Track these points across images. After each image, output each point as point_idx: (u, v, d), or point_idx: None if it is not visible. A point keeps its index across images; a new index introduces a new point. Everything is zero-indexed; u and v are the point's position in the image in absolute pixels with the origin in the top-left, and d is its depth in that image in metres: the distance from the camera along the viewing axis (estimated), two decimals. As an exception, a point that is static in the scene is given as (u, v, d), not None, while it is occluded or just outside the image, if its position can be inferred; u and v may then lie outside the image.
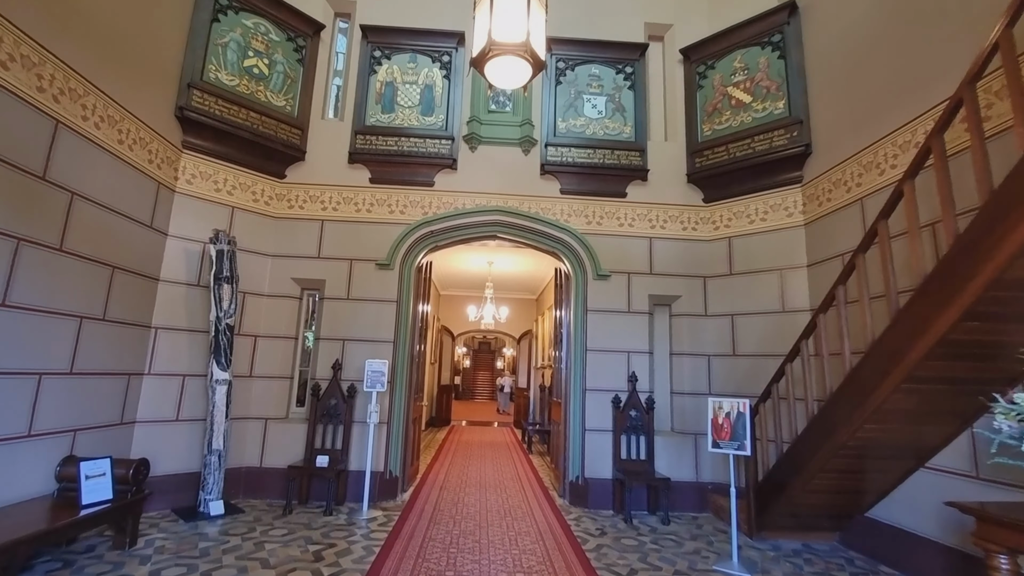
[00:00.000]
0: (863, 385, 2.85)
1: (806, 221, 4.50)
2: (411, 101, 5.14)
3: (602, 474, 4.68)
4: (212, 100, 4.38)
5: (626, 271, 5.02)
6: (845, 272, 3.10)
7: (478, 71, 2.56)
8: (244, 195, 4.70)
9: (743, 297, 4.81)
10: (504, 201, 5.08)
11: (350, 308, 4.82)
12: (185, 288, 4.27)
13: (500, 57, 2.50)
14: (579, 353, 4.91)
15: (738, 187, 4.94)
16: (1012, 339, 2.36)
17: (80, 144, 3.30)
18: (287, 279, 4.84)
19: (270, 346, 4.72)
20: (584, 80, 5.29)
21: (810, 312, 4.37)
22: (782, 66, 4.70)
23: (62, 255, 3.18)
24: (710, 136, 5.09)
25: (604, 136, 5.17)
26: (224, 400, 4.08)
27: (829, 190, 4.20)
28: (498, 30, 2.54)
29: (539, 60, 2.46)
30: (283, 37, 4.94)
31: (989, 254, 2.12)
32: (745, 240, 4.87)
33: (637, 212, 5.14)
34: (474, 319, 10.12)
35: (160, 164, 4.08)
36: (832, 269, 4.12)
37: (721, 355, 4.86)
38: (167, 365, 4.12)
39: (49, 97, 3.06)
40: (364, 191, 5.02)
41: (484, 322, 9.63)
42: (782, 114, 4.64)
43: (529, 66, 2.47)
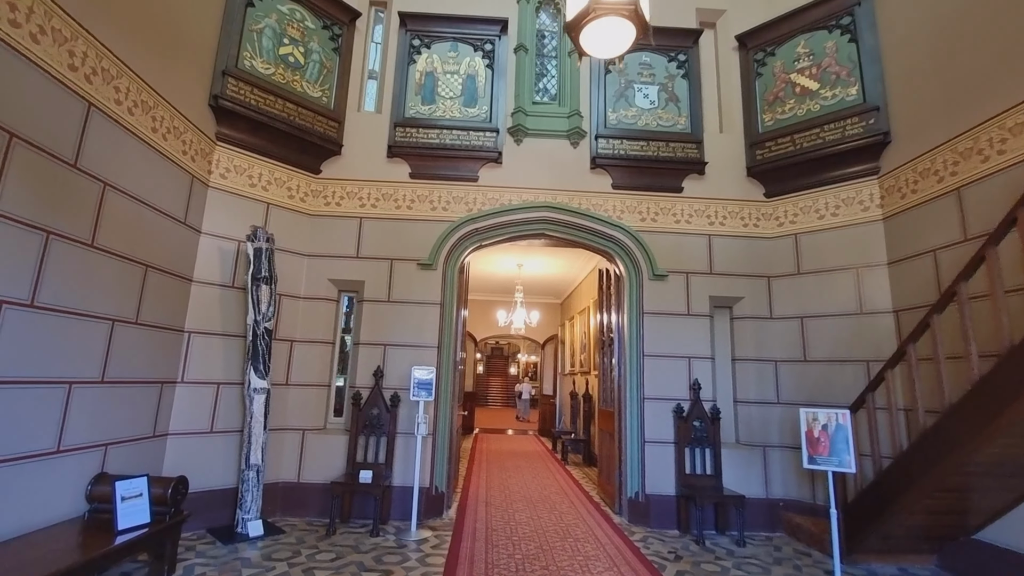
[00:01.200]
0: (998, 394, 2.51)
1: (885, 215, 4.17)
2: (453, 92, 4.86)
3: (664, 490, 4.33)
4: (247, 89, 4.11)
5: (684, 271, 4.70)
6: (971, 264, 2.75)
7: (572, 39, 2.26)
8: (279, 191, 4.41)
9: (813, 298, 4.46)
10: (552, 197, 4.77)
11: (391, 311, 4.51)
12: (219, 290, 3.97)
13: (600, 20, 2.20)
14: (635, 359, 4.57)
15: (804, 180, 4.62)
16: None
17: (113, 130, 3.01)
18: (324, 280, 4.54)
19: (307, 352, 4.41)
20: (634, 69, 4.99)
21: (893, 313, 4.03)
22: (853, 50, 4.39)
23: (93, 251, 2.89)
24: (772, 126, 4.78)
25: (657, 127, 4.86)
26: (262, 410, 3.76)
27: (915, 181, 3.87)
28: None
29: (644, 21, 2.15)
30: (319, 25, 4.66)
31: None
32: (814, 237, 4.54)
33: (694, 208, 4.82)
34: (504, 324, 9.76)
35: (194, 156, 3.80)
36: (921, 266, 3.78)
37: (790, 361, 4.51)
38: (201, 372, 3.81)
39: (81, 77, 2.77)
40: (404, 187, 4.72)
41: (514, 327, 9.30)
42: (855, 101, 4.32)
43: (633, 28, 2.16)
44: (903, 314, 3.95)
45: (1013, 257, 2.78)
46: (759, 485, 4.40)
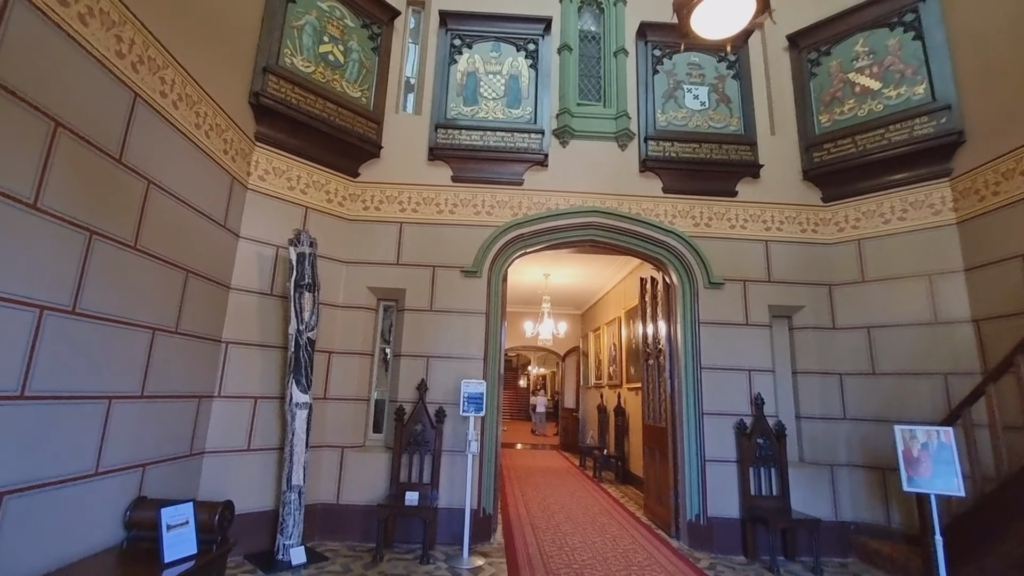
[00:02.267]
0: None
1: (960, 219, 3.94)
2: (495, 92, 4.67)
3: (727, 512, 4.05)
4: (288, 87, 3.91)
5: (740, 279, 4.46)
6: (1102, 269, 2.51)
7: (681, 18, 2.05)
8: (318, 194, 4.20)
9: (880, 307, 4.22)
10: (600, 201, 4.56)
11: (434, 321, 4.26)
12: (258, 297, 3.74)
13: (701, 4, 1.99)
14: (691, 372, 4.32)
15: (867, 183, 4.40)
16: None
17: (158, 124, 2.80)
18: (363, 288, 4.31)
19: (346, 364, 4.16)
20: (683, 69, 4.81)
21: (973, 323, 3.78)
22: (919, 47, 4.20)
23: (136, 254, 2.66)
24: (830, 128, 4.57)
25: (709, 129, 4.66)
26: (304, 427, 3.50)
27: (996, 182, 3.64)
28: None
29: None
30: (358, 23, 4.49)
31: None
32: (879, 242, 4.31)
33: (750, 212, 4.60)
34: (531, 335, 9.47)
35: (234, 156, 3.59)
36: (1006, 272, 3.55)
37: (856, 374, 4.25)
38: (239, 386, 3.56)
39: (128, 65, 2.57)
40: (446, 190, 4.51)
41: (541, 338, 9.04)
42: (922, 99, 4.12)
43: (753, 3, 1.95)
44: (984, 323, 3.70)
45: None
46: (827, 506, 4.12)
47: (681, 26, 2.13)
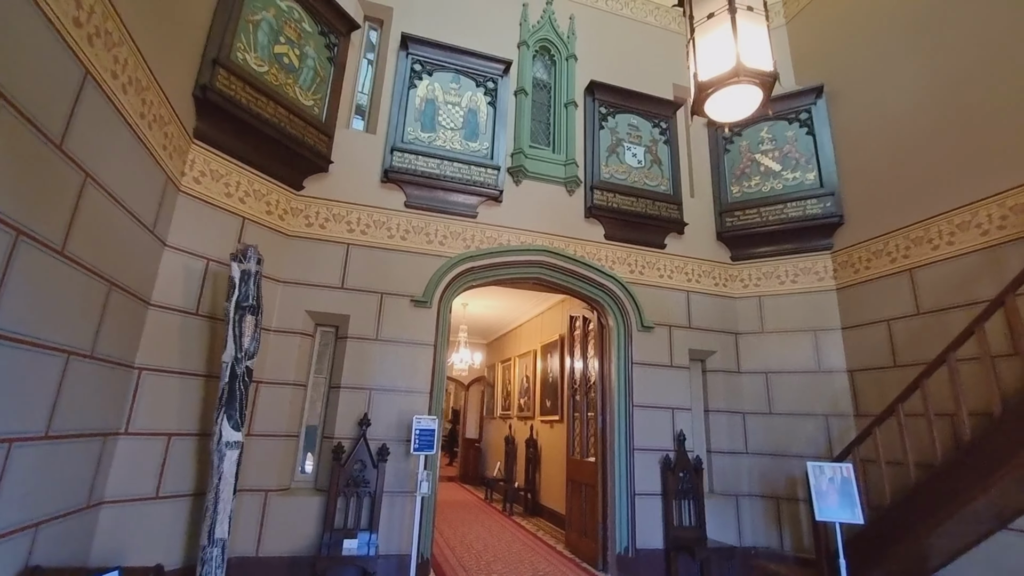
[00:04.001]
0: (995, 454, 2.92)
1: (839, 286, 4.78)
2: (454, 123, 4.67)
3: (653, 544, 4.32)
4: (239, 84, 3.53)
5: (667, 324, 4.90)
6: (962, 336, 3.22)
7: (698, 99, 2.29)
8: (257, 205, 3.79)
9: (776, 355, 4.91)
10: (549, 241, 4.73)
11: (380, 351, 4.02)
12: (181, 317, 3.22)
13: (718, 92, 2.26)
14: (624, 409, 4.59)
15: (766, 248, 5.15)
16: None
17: (104, 109, 2.36)
18: (300, 311, 3.93)
19: (276, 395, 3.72)
20: (624, 129, 5.26)
21: (847, 373, 4.57)
22: (811, 142, 5.10)
23: (62, 261, 2.18)
24: (740, 198, 5.30)
25: (644, 186, 5.13)
26: (234, 470, 3.04)
27: (868, 260, 4.51)
28: (705, 69, 2.32)
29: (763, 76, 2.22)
30: (316, 29, 4.23)
31: None
32: (776, 300, 5.04)
33: (675, 264, 5.10)
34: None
35: (172, 153, 3.12)
36: (873, 333, 4.37)
37: (756, 413, 4.86)
38: (152, 420, 3.00)
39: (84, 36, 2.15)
40: (398, 215, 4.35)
41: (456, 368, 8.87)
42: (813, 185, 4.98)
43: (761, 96, 2.25)
44: (856, 374, 4.50)
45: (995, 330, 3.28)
46: (733, 533, 4.59)
47: (695, 106, 2.37)
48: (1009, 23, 3.61)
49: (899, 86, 4.39)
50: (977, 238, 3.70)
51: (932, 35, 4.15)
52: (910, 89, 4.29)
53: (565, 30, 5.37)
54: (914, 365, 3.95)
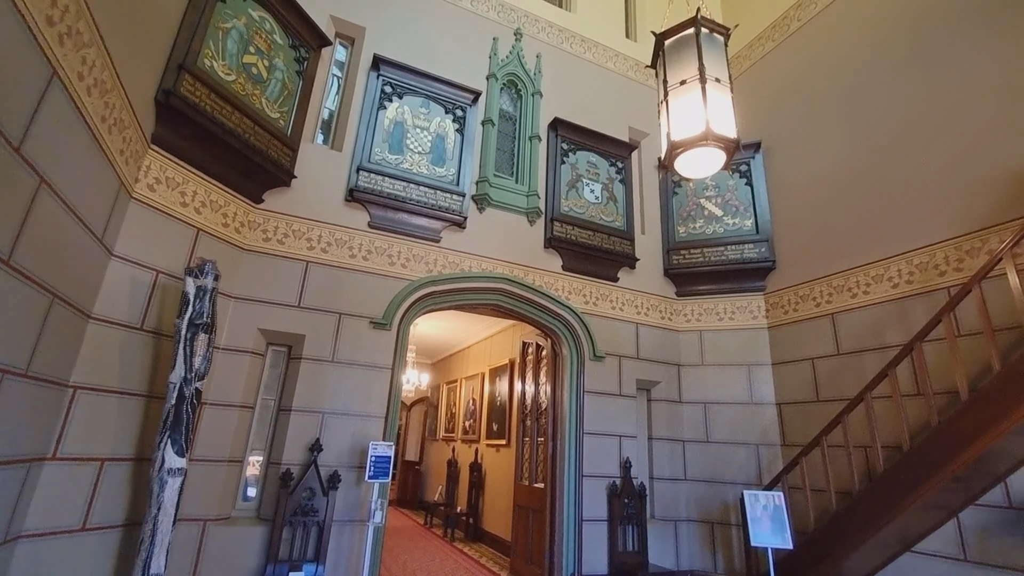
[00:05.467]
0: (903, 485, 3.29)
1: (770, 325, 5.21)
2: (422, 147, 4.71)
3: (598, 569, 4.42)
4: (204, 91, 3.39)
5: (617, 354, 5.11)
6: (877, 378, 3.62)
7: (670, 155, 2.49)
8: (213, 216, 3.62)
9: (714, 387, 5.25)
10: (509, 269, 4.84)
11: (335, 373, 3.91)
12: (123, 332, 3.00)
13: (688, 152, 2.49)
14: (574, 436, 4.72)
15: (707, 286, 5.54)
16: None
17: (67, 111, 2.22)
18: (252, 329, 3.76)
19: (220, 418, 3.52)
20: (584, 165, 5.52)
21: (776, 405, 4.96)
22: (749, 192, 5.58)
23: (8, 272, 2.00)
24: (685, 238, 5.68)
25: (601, 221, 5.38)
26: (176, 499, 2.84)
27: (796, 302, 4.97)
28: (677, 129, 2.55)
29: (728, 141, 2.46)
30: (286, 42, 4.16)
31: None
32: (715, 335, 5.41)
33: (626, 297, 5.36)
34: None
35: (129, 158, 2.95)
36: (799, 370, 4.80)
37: (695, 441, 5.15)
38: (84, 444, 2.75)
39: (55, 35, 2.04)
40: (361, 235, 4.30)
41: (403, 388, 8.65)
42: (750, 231, 5.44)
43: (724, 158, 2.49)
44: (784, 406, 4.90)
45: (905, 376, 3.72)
46: (672, 558, 4.80)
47: (667, 161, 2.58)
48: (916, 108, 4.19)
49: (824, 149, 4.93)
50: (889, 290, 4.19)
51: (852, 109, 4.72)
52: (833, 153, 4.84)
53: (532, 67, 5.59)
54: (834, 400, 4.38)
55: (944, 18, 4.10)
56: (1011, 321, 3.15)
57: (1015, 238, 2.95)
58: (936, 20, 4.16)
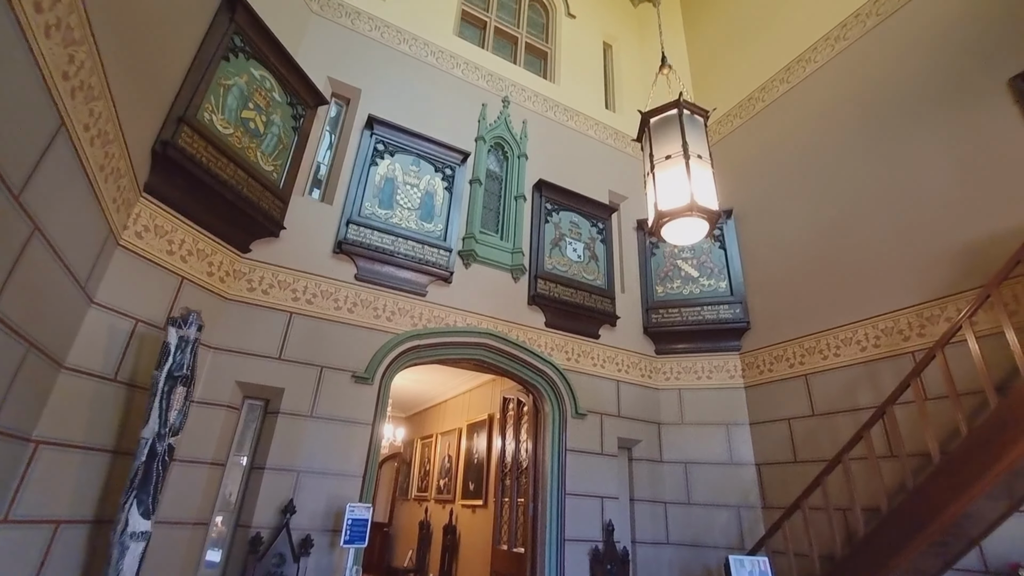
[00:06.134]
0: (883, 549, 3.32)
1: (747, 385, 5.32)
2: (411, 203, 4.82)
3: (580, 643, 4.21)
4: (201, 144, 3.45)
5: (599, 412, 5.11)
6: (853, 440, 3.70)
7: (657, 223, 2.64)
8: (199, 265, 3.59)
9: (694, 446, 5.26)
10: (493, 325, 4.87)
11: (313, 429, 3.79)
12: (96, 383, 2.87)
13: (674, 221, 2.64)
14: (556, 497, 4.61)
15: (686, 345, 5.66)
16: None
17: (69, 161, 2.24)
18: (229, 382, 3.64)
19: (189, 475, 3.33)
20: (567, 225, 5.71)
21: (755, 466, 4.99)
22: (722, 255, 5.84)
23: (-11, 320, 1.94)
24: (663, 297, 5.85)
25: (583, 279, 5.51)
26: (137, 566, 2.64)
27: (771, 363, 5.11)
28: (664, 200, 2.72)
29: (711, 213, 2.63)
30: (285, 100, 4.30)
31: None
32: (694, 393, 5.48)
33: (607, 355, 5.42)
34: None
35: (120, 206, 2.94)
36: (777, 430, 4.87)
37: (676, 503, 5.09)
38: (40, 504, 2.56)
39: (68, 89, 2.08)
40: (347, 287, 4.29)
41: (387, 440, 8.33)
42: (725, 292, 5.65)
43: (708, 227, 2.65)
44: (763, 467, 4.93)
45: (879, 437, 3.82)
46: (655, 630, 4.61)
47: (654, 228, 2.72)
48: (871, 184, 4.55)
49: (790, 218, 5.26)
50: (857, 353, 4.37)
51: (814, 182, 5.09)
52: (799, 222, 5.16)
53: (518, 131, 5.87)
54: (812, 462, 4.44)
55: (893, 104, 4.55)
56: (975, 385, 3.31)
57: (972, 307, 3.16)
58: (886, 105, 4.61)
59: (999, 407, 2.88)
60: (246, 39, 3.91)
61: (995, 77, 3.85)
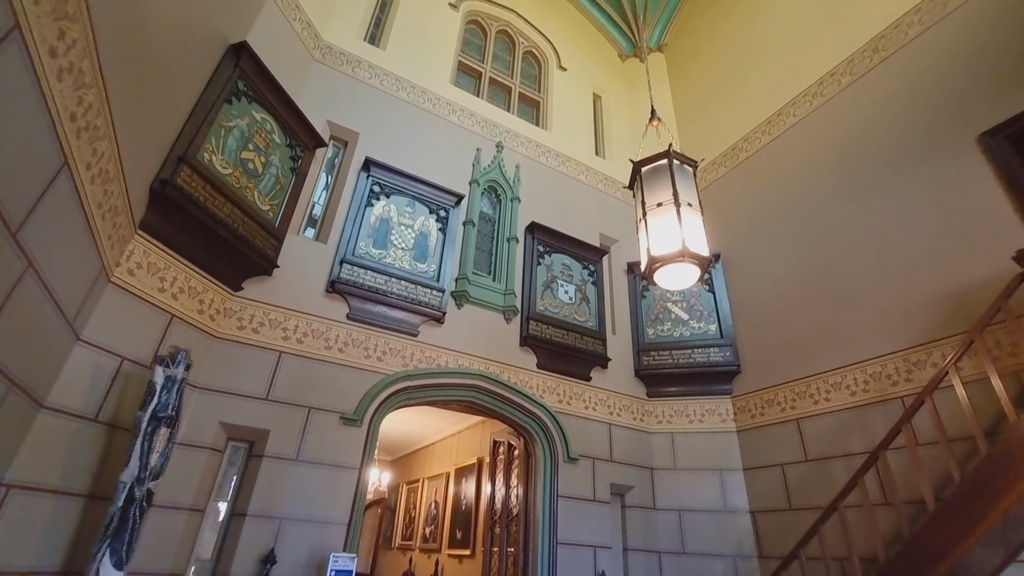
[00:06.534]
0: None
1: (739, 429, 5.29)
2: (406, 244, 4.86)
3: None
4: (200, 183, 3.49)
5: (591, 456, 5.02)
6: (848, 487, 3.66)
7: (649, 268, 2.69)
8: (190, 302, 3.56)
9: (688, 493, 5.16)
10: (485, 366, 4.83)
11: (298, 473, 3.67)
12: (76, 424, 2.79)
13: (666, 266, 2.70)
14: (548, 546, 4.47)
15: (677, 388, 5.65)
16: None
17: (67, 198, 2.25)
18: (213, 423, 3.55)
19: (166, 523, 3.19)
20: (558, 267, 5.78)
21: (750, 513, 4.89)
22: (711, 298, 5.92)
23: (-26, 357, 1.90)
24: (654, 339, 5.88)
25: (574, 321, 5.54)
26: (104, 623, 2.48)
27: (762, 407, 5.10)
28: (656, 246, 2.79)
29: (702, 259, 2.70)
30: (284, 142, 4.39)
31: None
32: (686, 437, 5.42)
33: (599, 397, 5.38)
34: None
35: (115, 243, 2.94)
36: (770, 476, 4.81)
37: (671, 552, 4.95)
38: (3, 556, 2.42)
39: (74, 130, 2.12)
40: (338, 327, 4.26)
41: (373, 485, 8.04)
42: (715, 335, 5.69)
43: (699, 272, 2.70)
44: (758, 515, 4.83)
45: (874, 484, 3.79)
46: None
47: (647, 273, 2.78)
48: (851, 232, 4.70)
49: (776, 264, 5.38)
50: (847, 397, 4.39)
51: (798, 229, 5.24)
52: (785, 268, 5.28)
53: (512, 175, 6.02)
54: (806, 509, 4.37)
55: (871, 156, 4.76)
56: (965, 430, 3.33)
57: (958, 354, 3.22)
58: (864, 158, 4.81)
59: (990, 453, 2.89)
60: (249, 84, 4.02)
61: (965, 133, 4.07)
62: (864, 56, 5.15)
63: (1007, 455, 2.82)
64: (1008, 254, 3.22)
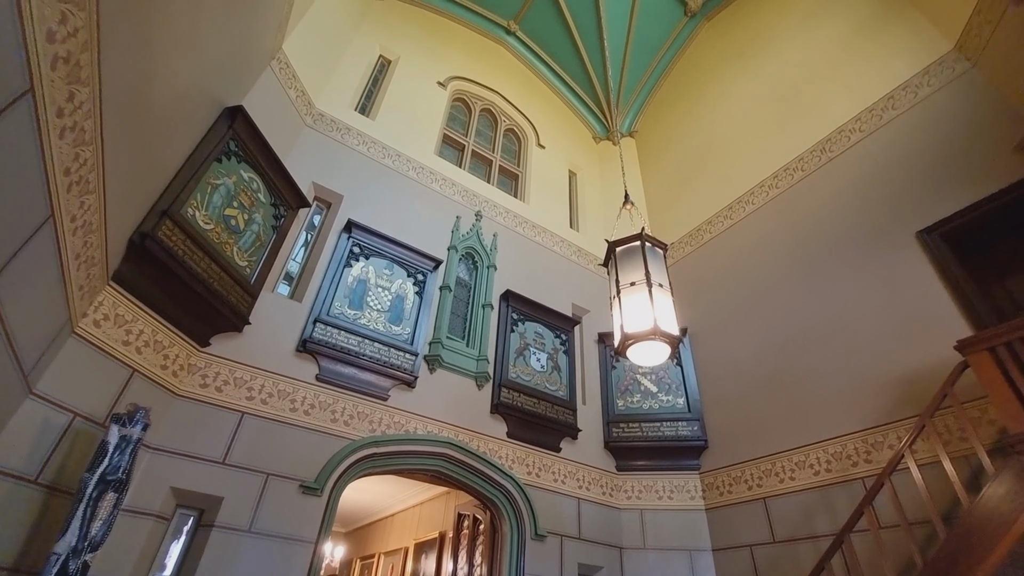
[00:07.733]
0: None
1: (708, 507, 5.24)
2: (382, 305, 4.87)
3: None
4: (180, 238, 3.49)
5: (559, 533, 4.86)
6: (816, 571, 3.64)
7: (623, 344, 2.79)
8: (154, 357, 3.44)
9: (657, 575, 5.00)
10: (455, 434, 4.74)
11: (250, 546, 3.43)
12: (11, 486, 2.58)
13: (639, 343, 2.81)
14: (511, 633, 4.20)
15: (646, 462, 5.62)
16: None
17: (48, 250, 2.23)
18: (163, 488, 3.33)
19: (95, 602, 2.89)
20: (531, 335, 5.85)
21: (720, 598, 4.75)
22: (679, 372, 6.04)
23: (-81, 411, 1.79)
24: (624, 411, 5.90)
25: (546, 390, 5.54)
26: None
27: (730, 484, 5.11)
28: (629, 323, 2.91)
29: (672, 338, 2.81)
30: (269, 200, 4.46)
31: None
32: (655, 514, 5.33)
33: (568, 469, 5.29)
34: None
35: (86, 293, 2.87)
36: (740, 558, 4.74)
37: (639, 641, 4.71)
38: (-95, 641, 2.15)
39: (66, 184, 2.15)
40: (306, 388, 4.16)
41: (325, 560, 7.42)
42: (683, 409, 5.76)
43: (666, 344, 2.81)
44: (728, 600, 4.70)
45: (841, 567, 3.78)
46: None
47: (619, 349, 2.87)
48: (807, 314, 4.97)
49: (740, 341, 5.59)
50: (811, 477, 4.46)
51: (758, 309, 5.51)
52: (748, 345, 5.48)
53: (489, 243, 6.20)
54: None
55: (822, 245, 5.13)
56: (925, 514, 3.40)
57: (911, 437, 3.36)
58: (816, 246, 5.18)
59: (948, 539, 2.96)
60: (241, 144, 4.14)
61: (905, 229, 4.47)
62: (813, 155, 5.68)
63: (964, 540, 2.90)
64: (951, 343, 3.46)
